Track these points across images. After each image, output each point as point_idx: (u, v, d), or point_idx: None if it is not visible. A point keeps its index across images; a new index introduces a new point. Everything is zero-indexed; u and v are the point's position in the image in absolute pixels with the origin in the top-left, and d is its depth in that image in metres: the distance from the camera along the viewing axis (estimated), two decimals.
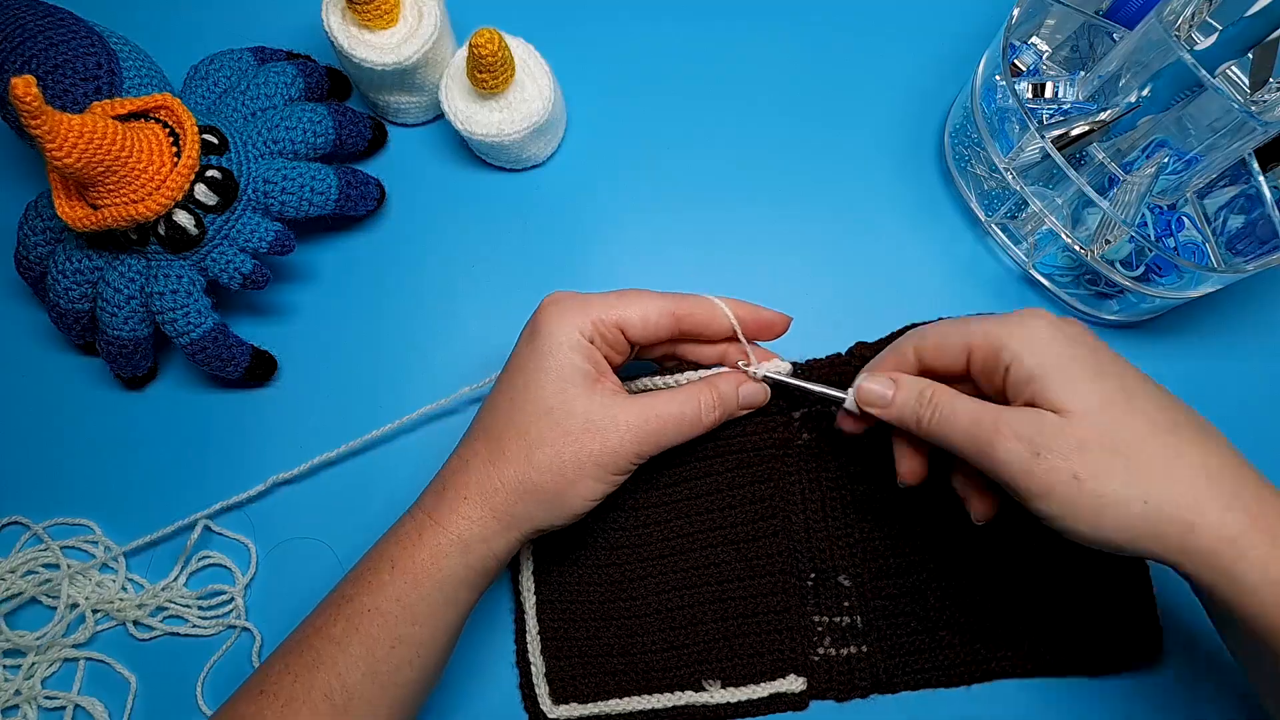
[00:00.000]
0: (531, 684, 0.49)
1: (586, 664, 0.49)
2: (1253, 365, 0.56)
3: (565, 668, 0.49)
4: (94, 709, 0.51)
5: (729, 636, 0.49)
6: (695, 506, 0.50)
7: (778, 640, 0.49)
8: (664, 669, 0.49)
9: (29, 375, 0.56)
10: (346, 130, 0.55)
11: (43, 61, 0.47)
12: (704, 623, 0.49)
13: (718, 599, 0.49)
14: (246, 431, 0.55)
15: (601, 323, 0.44)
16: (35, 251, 0.51)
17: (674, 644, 0.49)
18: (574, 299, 0.44)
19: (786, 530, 0.50)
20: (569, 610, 0.50)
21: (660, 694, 0.49)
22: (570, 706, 0.49)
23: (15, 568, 0.52)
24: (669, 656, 0.49)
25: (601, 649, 0.49)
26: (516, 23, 0.56)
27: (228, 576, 0.53)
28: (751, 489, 0.50)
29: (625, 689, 0.49)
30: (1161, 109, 0.51)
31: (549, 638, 0.50)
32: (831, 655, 0.49)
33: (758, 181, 0.59)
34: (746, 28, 0.63)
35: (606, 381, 0.44)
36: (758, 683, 0.49)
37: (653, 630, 0.49)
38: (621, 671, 0.49)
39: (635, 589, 0.50)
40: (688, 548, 0.50)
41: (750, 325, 0.46)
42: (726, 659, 0.49)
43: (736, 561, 0.49)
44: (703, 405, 0.45)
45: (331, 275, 0.58)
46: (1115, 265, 0.52)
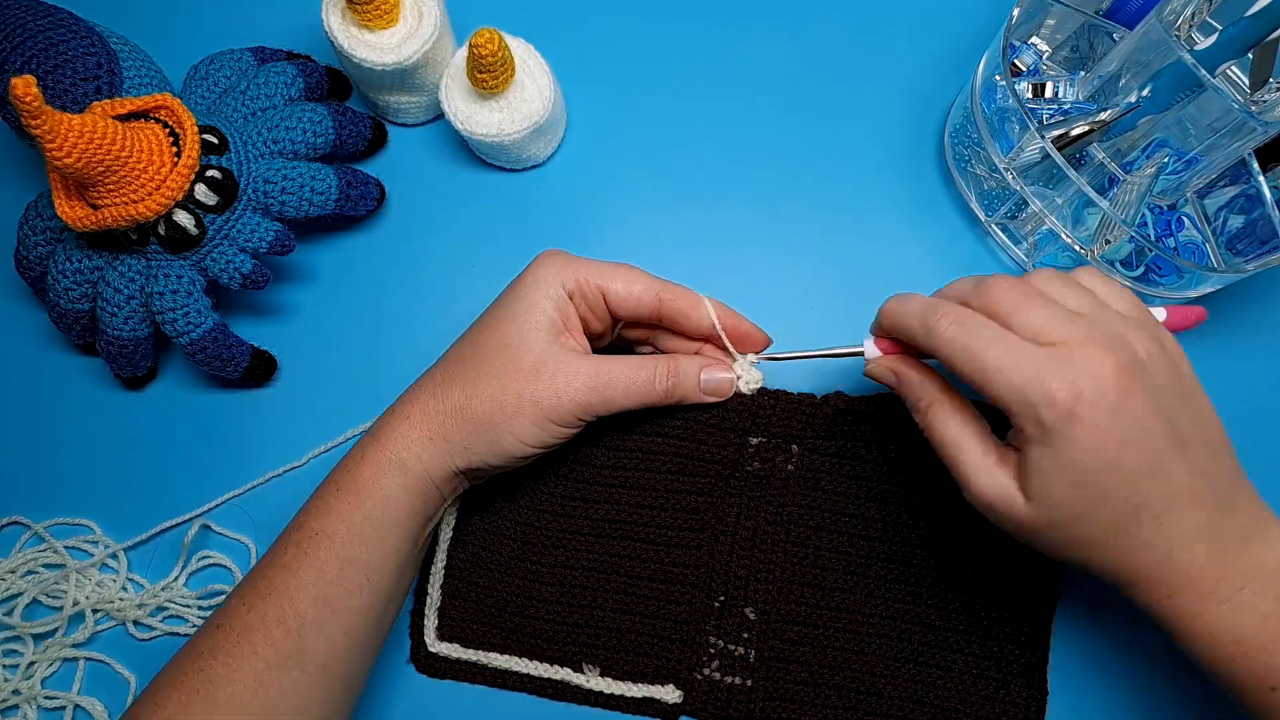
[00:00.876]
0: (422, 614, 0.50)
1: (479, 611, 0.50)
2: (1253, 365, 0.56)
3: (458, 608, 0.50)
4: (94, 709, 0.51)
5: (621, 629, 0.49)
6: (628, 497, 0.50)
7: (668, 648, 0.49)
8: (550, 640, 0.49)
9: (29, 375, 0.56)
10: (346, 130, 0.55)
11: (43, 61, 0.47)
12: (601, 609, 0.50)
13: (622, 591, 0.50)
14: (246, 431, 0.55)
15: (585, 281, 0.45)
16: (35, 251, 0.51)
17: (566, 619, 0.50)
18: (565, 255, 0.46)
19: (711, 547, 0.50)
20: (477, 555, 0.50)
21: (539, 663, 0.50)
22: (452, 646, 0.50)
23: (15, 568, 0.52)
24: (558, 630, 0.50)
25: (497, 602, 0.50)
26: (516, 23, 0.56)
27: (228, 576, 0.53)
28: (688, 498, 0.50)
29: (508, 647, 0.50)
30: (1161, 109, 0.51)
31: (452, 575, 0.50)
32: (715, 679, 0.49)
33: (758, 181, 0.59)
34: (746, 28, 0.63)
35: (571, 336, 0.45)
36: (635, 681, 0.49)
37: (551, 600, 0.50)
38: (510, 629, 0.50)
39: (545, 556, 0.50)
40: (608, 533, 0.50)
41: (729, 332, 0.47)
42: (613, 650, 0.49)
43: (651, 562, 0.50)
44: (658, 373, 0.45)
45: (331, 275, 0.58)
46: (1115, 265, 0.52)
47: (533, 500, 0.50)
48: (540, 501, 0.50)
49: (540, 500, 0.50)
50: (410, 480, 0.43)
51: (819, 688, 0.49)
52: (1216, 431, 0.40)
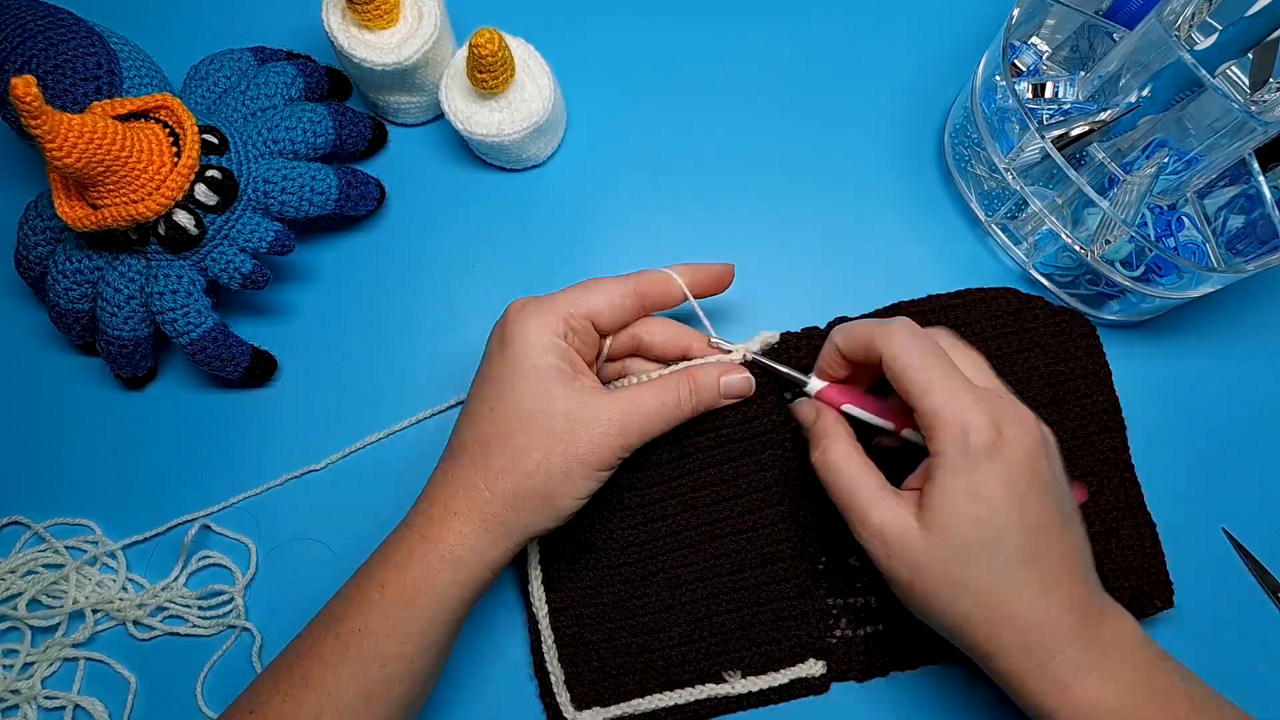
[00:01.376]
0: (552, 693, 0.49)
1: (605, 666, 0.49)
2: (1253, 365, 0.56)
3: (584, 672, 0.49)
4: (94, 709, 0.51)
5: (745, 626, 0.49)
6: (701, 498, 0.49)
7: (794, 626, 0.49)
8: (683, 664, 0.49)
9: (29, 375, 0.56)
10: (346, 130, 0.55)
11: (43, 61, 0.47)
12: (719, 614, 0.49)
13: (731, 589, 0.49)
14: (246, 431, 0.55)
15: (572, 317, 0.44)
16: (35, 251, 0.51)
17: (691, 638, 0.49)
18: (538, 301, 0.45)
19: (794, 516, 0.50)
20: (583, 615, 0.49)
21: (681, 689, 0.49)
22: (593, 711, 0.49)
23: (15, 568, 0.52)
24: (687, 651, 0.49)
25: (619, 649, 0.49)
26: (516, 23, 0.56)
27: (228, 576, 0.53)
28: (755, 477, 0.49)
29: (646, 687, 0.49)
30: (1161, 109, 0.51)
31: (565, 644, 0.49)
32: (849, 636, 0.50)
33: (758, 181, 0.59)
34: (746, 28, 0.63)
35: (583, 378, 0.44)
36: (777, 670, 0.49)
37: (669, 626, 0.49)
38: (641, 670, 0.49)
39: (648, 586, 0.49)
40: (697, 540, 0.49)
41: (704, 285, 0.48)
42: (745, 649, 0.49)
43: (747, 550, 0.49)
44: (681, 393, 0.45)
45: (331, 275, 0.58)
46: (1115, 265, 0.52)
47: (616, 539, 0.50)
48: (624, 538, 0.50)
49: (623, 536, 0.50)
50: (466, 576, 0.43)
51: None
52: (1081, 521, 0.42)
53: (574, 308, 0.44)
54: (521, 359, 0.43)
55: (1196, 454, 0.53)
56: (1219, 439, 0.55)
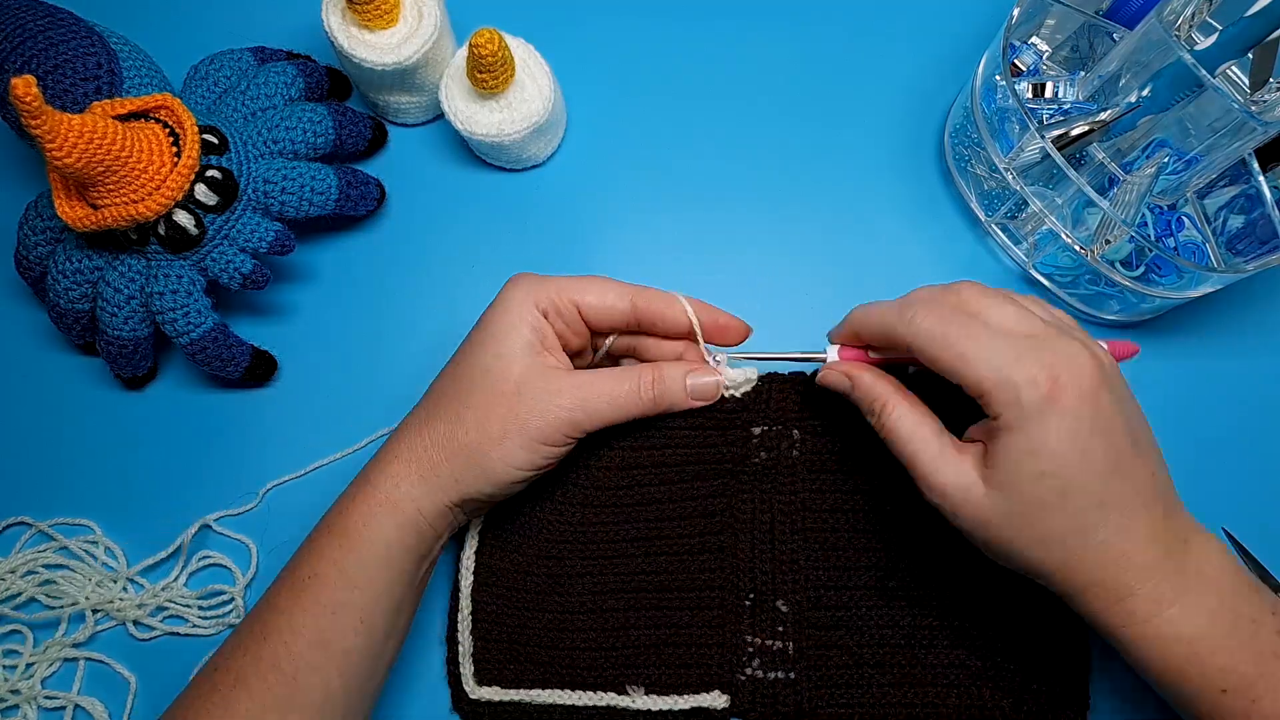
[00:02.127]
0: (457, 661, 0.49)
1: (514, 650, 0.49)
2: (1253, 365, 0.56)
3: (492, 650, 0.49)
4: (94, 709, 0.51)
5: (659, 645, 0.49)
6: (644, 513, 0.49)
7: (707, 655, 0.49)
8: (590, 667, 0.49)
9: (29, 375, 0.56)
10: (346, 130, 0.55)
11: (43, 61, 0.47)
12: (636, 628, 0.49)
13: (653, 606, 0.49)
14: (247, 431, 0.55)
15: (558, 297, 0.44)
16: (35, 251, 0.51)
17: (603, 644, 0.49)
18: (535, 277, 0.45)
19: (732, 548, 0.50)
20: (504, 595, 0.50)
21: (583, 691, 0.49)
22: (493, 690, 0.49)
23: (15, 568, 0.52)
24: (597, 656, 0.49)
25: (531, 638, 0.49)
26: (516, 23, 0.56)
27: (228, 577, 0.53)
28: (702, 503, 0.50)
29: (549, 681, 0.49)
30: (1161, 109, 0.51)
31: (480, 618, 0.50)
32: (759, 678, 0.49)
33: (758, 181, 0.59)
34: (746, 27, 0.63)
35: (549, 354, 0.44)
36: (681, 694, 0.49)
37: (584, 628, 0.49)
38: (548, 663, 0.49)
39: (573, 585, 0.50)
40: (631, 552, 0.50)
41: (707, 327, 0.47)
42: (653, 666, 0.49)
43: (678, 572, 0.49)
44: (641, 383, 0.45)
45: (331, 275, 0.58)
46: (1115, 265, 0.52)
47: (551, 532, 0.50)
48: (560, 532, 0.50)
49: (559, 531, 0.50)
50: (402, 520, 0.43)
51: (861, 668, 0.49)
52: (1154, 440, 0.41)
53: (564, 292, 0.44)
54: (496, 321, 0.44)
55: (1196, 454, 0.53)
56: (1219, 439, 0.55)
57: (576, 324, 0.46)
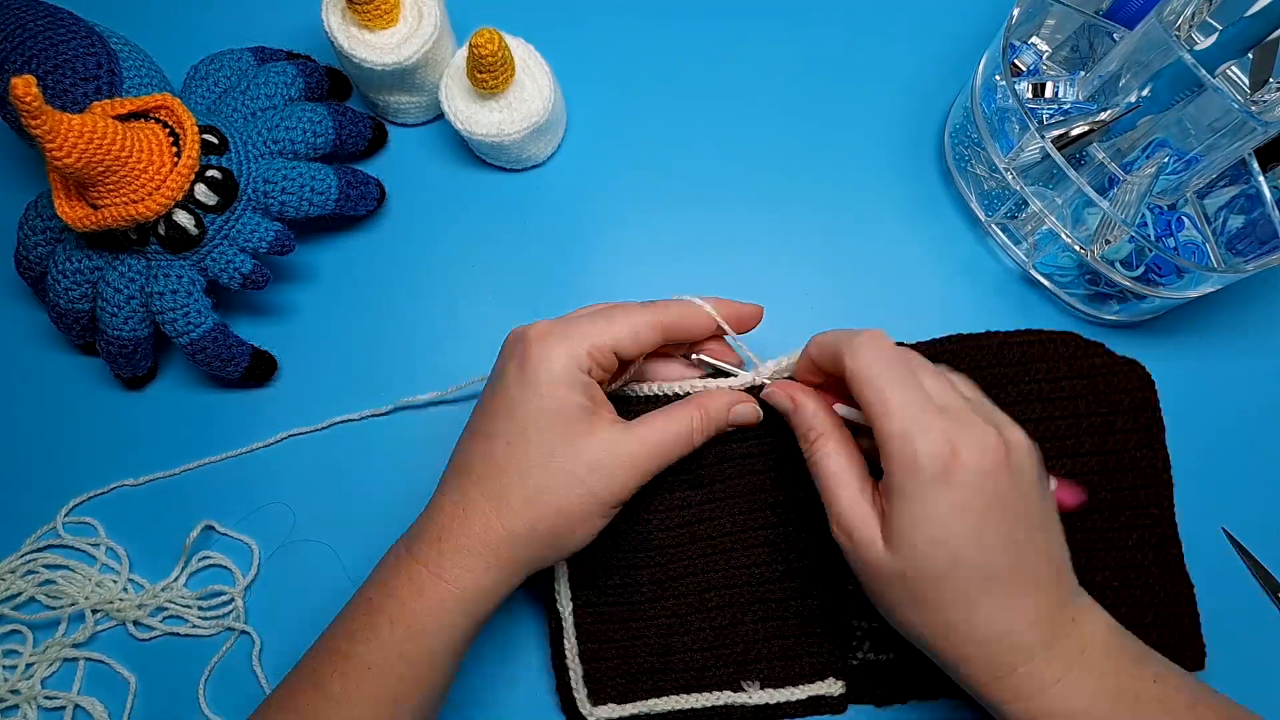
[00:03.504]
0: (569, 687, 0.49)
1: (625, 665, 0.49)
2: (1253, 365, 0.56)
3: (602, 670, 0.49)
4: (94, 709, 0.51)
5: (769, 638, 0.49)
6: (737, 506, 0.49)
7: (817, 643, 0.49)
8: (702, 669, 0.49)
9: (29, 375, 0.56)
10: (346, 130, 0.55)
11: (43, 61, 0.47)
12: (744, 623, 0.49)
13: (758, 600, 0.49)
14: (247, 431, 0.55)
15: (597, 350, 0.42)
16: (35, 251, 0.51)
17: (713, 644, 0.49)
18: (560, 329, 0.43)
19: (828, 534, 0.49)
20: (607, 613, 0.49)
21: (698, 694, 0.49)
22: (609, 707, 0.49)
23: (15, 568, 0.52)
24: (708, 656, 0.49)
25: (640, 649, 0.49)
26: (516, 23, 0.56)
27: (228, 577, 0.53)
28: (793, 493, 0.49)
29: (663, 689, 0.49)
30: (1161, 109, 0.51)
31: (586, 640, 0.49)
32: (871, 659, 0.49)
33: (758, 181, 0.59)
34: (746, 28, 0.63)
35: (604, 413, 0.43)
36: (796, 685, 0.49)
37: (692, 630, 0.49)
38: (660, 671, 0.49)
39: (676, 588, 0.49)
40: (729, 547, 0.49)
41: (730, 321, 0.46)
42: (766, 660, 0.49)
43: (778, 562, 0.49)
44: (694, 424, 0.45)
45: (331, 275, 0.58)
46: (1115, 265, 0.52)
47: (649, 541, 0.49)
48: (657, 540, 0.49)
49: (657, 538, 0.49)
50: (477, 611, 0.42)
51: None
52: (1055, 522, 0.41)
53: (599, 339, 0.42)
54: (545, 396, 0.41)
55: (1196, 454, 0.53)
56: (1219, 439, 0.55)
57: (613, 366, 0.44)
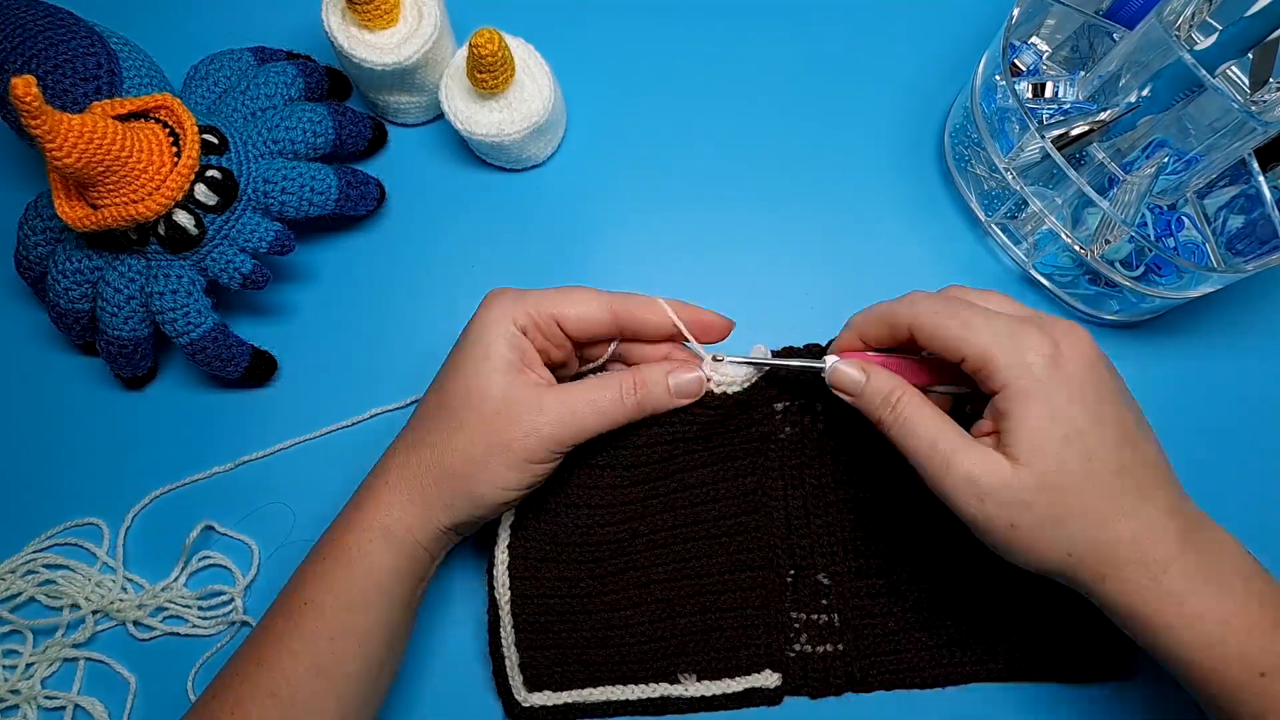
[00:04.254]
0: (505, 674, 0.49)
1: (562, 653, 0.49)
2: (1253, 365, 0.56)
3: (540, 657, 0.49)
4: (94, 709, 0.51)
5: (706, 630, 0.49)
6: (679, 500, 0.49)
7: (754, 635, 0.49)
8: (640, 660, 0.49)
9: (29, 375, 0.56)
10: (346, 130, 0.55)
11: (43, 61, 0.47)
12: (682, 615, 0.49)
13: (696, 592, 0.49)
14: (247, 431, 0.55)
15: (536, 313, 0.44)
16: (35, 251, 0.51)
17: (651, 636, 0.49)
18: (512, 292, 0.45)
19: (768, 526, 0.50)
20: (546, 603, 0.49)
21: (635, 685, 0.49)
22: (544, 694, 0.49)
23: (15, 567, 0.52)
24: (645, 648, 0.49)
25: (579, 640, 0.49)
26: (516, 23, 0.56)
27: (228, 577, 0.53)
28: (734, 483, 0.49)
29: (600, 678, 0.49)
30: (1161, 109, 0.51)
31: (523, 629, 0.49)
32: (807, 652, 0.50)
33: (758, 181, 0.60)
34: (746, 28, 0.63)
35: (530, 371, 0.44)
36: (732, 677, 0.49)
37: (630, 622, 0.49)
38: (597, 662, 0.49)
39: (616, 581, 0.50)
40: (669, 541, 0.50)
41: (692, 327, 0.46)
42: (702, 652, 0.49)
43: (718, 555, 0.49)
44: (623, 388, 0.44)
45: (331, 275, 0.58)
46: (1115, 265, 0.52)
47: (586, 532, 0.49)
48: (599, 534, 0.49)
49: (598, 533, 0.49)
50: (397, 545, 0.43)
51: (908, 633, 0.49)
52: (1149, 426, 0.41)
53: (542, 306, 0.44)
54: (476, 342, 0.44)
55: (1196, 454, 0.53)
56: (1219, 439, 0.55)
57: (557, 337, 0.45)
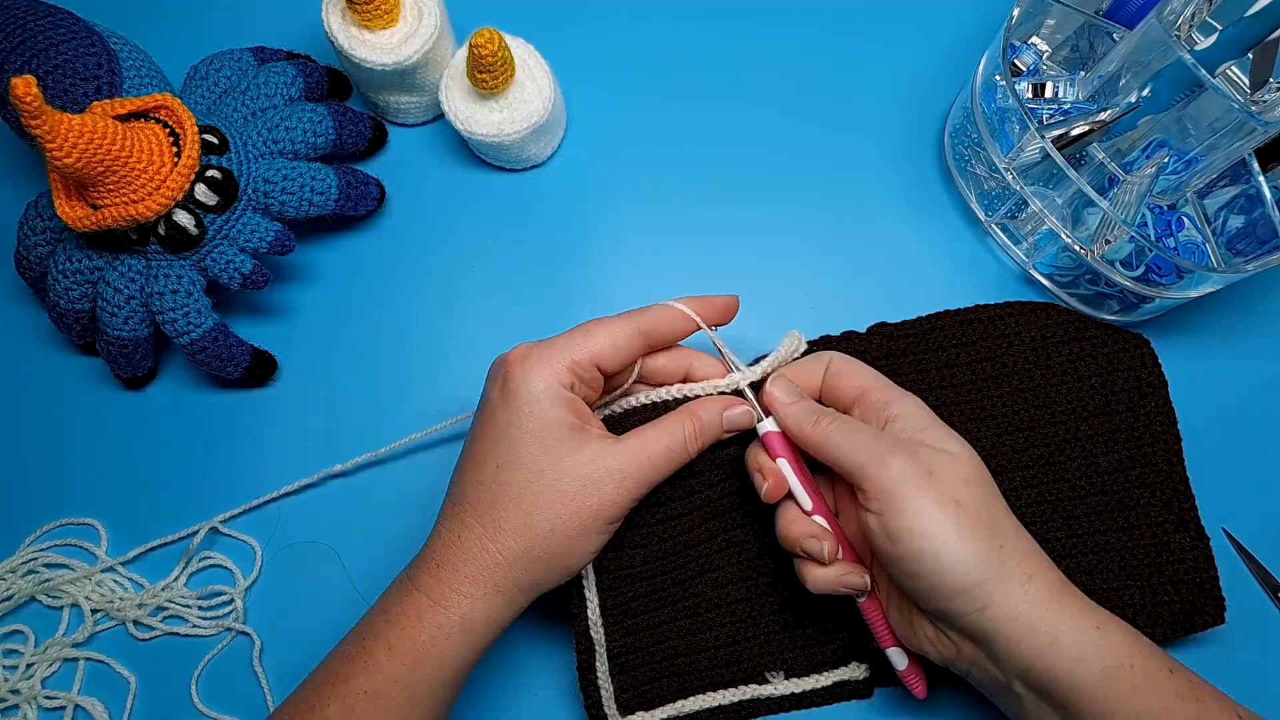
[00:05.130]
0: (600, 705, 0.48)
1: (652, 670, 0.48)
2: (1253, 365, 0.56)
3: (630, 680, 0.48)
4: (94, 709, 0.51)
5: (790, 627, 0.49)
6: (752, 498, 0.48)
7: (839, 628, 0.49)
8: (727, 664, 0.49)
9: (29, 375, 0.56)
10: (346, 130, 0.55)
11: (43, 61, 0.47)
12: (764, 614, 0.49)
13: (776, 590, 0.49)
14: (246, 431, 0.55)
15: (578, 365, 0.42)
16: (35, 251, 0.51)
17: (736, 638, 0.49)
18: (541, 349, 0.43)
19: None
20: (633, 624, 0.48)
21: (724, 690, 0.49)
22: (638, 716, 0.48)
23: (15, 567, 0.52)
24: (731, 651, 0.49)
25: (665, 652, 0.49)
26: (516, 23, 0.56)
27: (228, 577, 0.53)
28: None
29: (690, 689, 0.49)
30: (1161, 109, 0.51)
31: (615, 654, 0.48)
32: None
33: (758, 181, 0.59)
34: (747, 28, 0.63)
35: (591, 429, 0.43)
36: (820, 672, 0.49)
37: (714, 626, 0.49)
38: (685, 672, 0.49)
39: (694, 587, 0.49)
40: (744, 539, 0.49)
41: (708, 317, 0.46)
42: (788, 650, 0.49)
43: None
44: (687, 434, 0.44)
45: (331, 275, 0.58)
46: (1115, 265, 0.52)
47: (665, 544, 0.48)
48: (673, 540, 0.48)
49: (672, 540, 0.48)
50: (477, 637, 0.42)
51: None
52: None
53: (579, 354, 0.43)
54: (529, 416, 0.42)
55: (1196, 454, 0.53)
56: (1219, 439, 0.55)
57: (596, 380, 0.44)
